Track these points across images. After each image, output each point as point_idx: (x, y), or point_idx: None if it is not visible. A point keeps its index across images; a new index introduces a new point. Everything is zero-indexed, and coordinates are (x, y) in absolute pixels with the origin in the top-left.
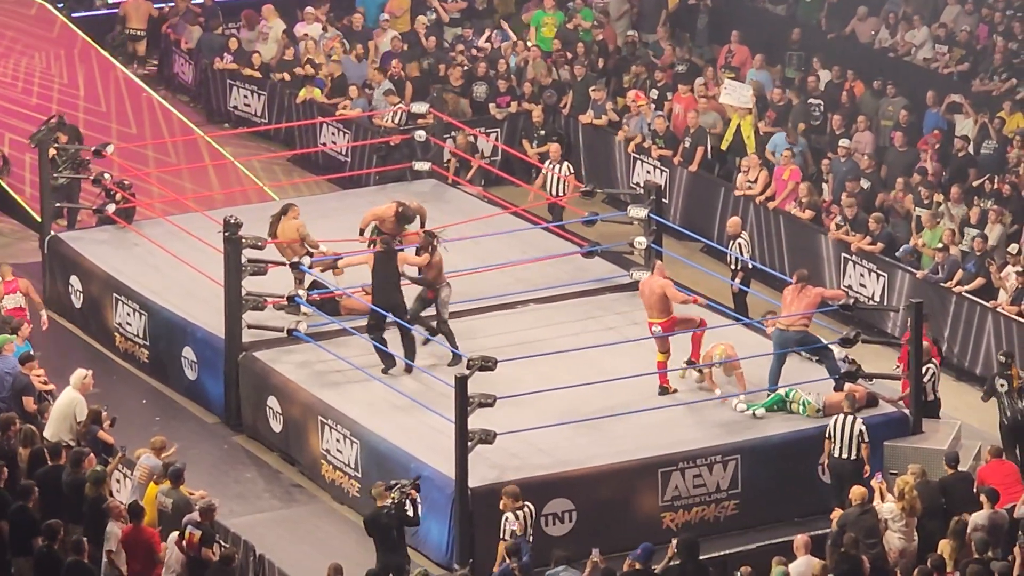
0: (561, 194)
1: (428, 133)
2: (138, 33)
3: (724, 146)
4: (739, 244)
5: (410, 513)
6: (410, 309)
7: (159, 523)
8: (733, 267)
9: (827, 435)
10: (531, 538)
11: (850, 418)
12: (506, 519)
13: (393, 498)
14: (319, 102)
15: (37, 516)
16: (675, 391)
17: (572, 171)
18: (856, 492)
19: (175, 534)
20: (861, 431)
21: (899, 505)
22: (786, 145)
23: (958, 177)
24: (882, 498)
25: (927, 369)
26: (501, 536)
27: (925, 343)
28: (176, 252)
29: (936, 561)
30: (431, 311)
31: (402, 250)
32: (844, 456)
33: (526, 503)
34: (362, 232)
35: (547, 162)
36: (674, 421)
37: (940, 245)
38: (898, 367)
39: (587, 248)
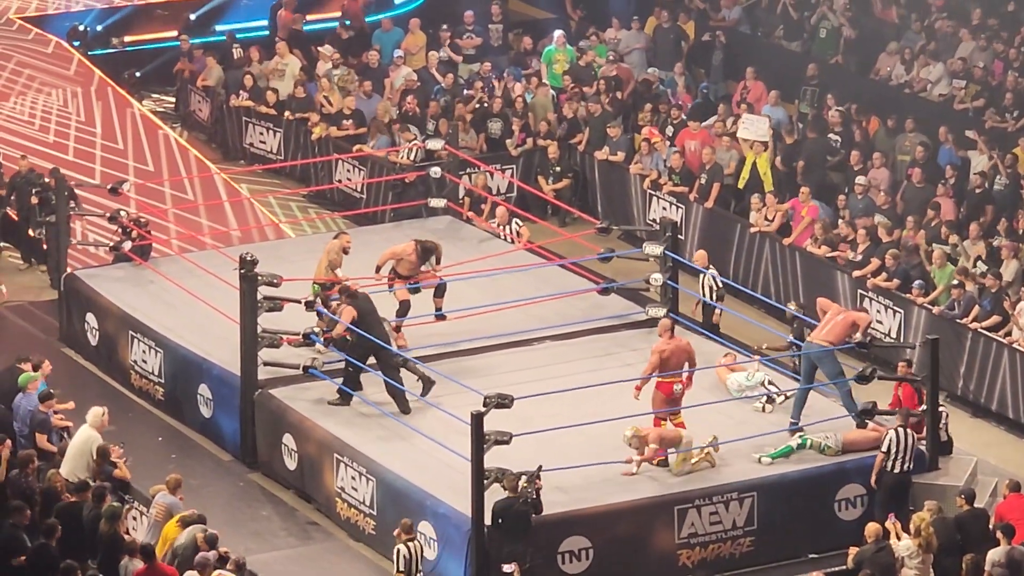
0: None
1: (444, 170)
2: None
3: (741, 184)
4: (710, 276)
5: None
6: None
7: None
8: (708, 299)
9: (883, 449)
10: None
11: (908, 431)
12: (397, 551)
13: (525, 487)
14: (335, 139)
15: (57, 554)
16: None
17: (521, 225)
18: (871, 529)
19: (192, 573)
20: (915, 440)
21: (915, 542)
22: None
23: (974, 213)
24: (898, 536)
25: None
26: (396, 569)
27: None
28: (192, 289)
29: None
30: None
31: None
32: (902, 469)
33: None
34: (378, 270)
35: (496, 224)
36: None
37: (956, 282)
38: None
39: (603, 285)
